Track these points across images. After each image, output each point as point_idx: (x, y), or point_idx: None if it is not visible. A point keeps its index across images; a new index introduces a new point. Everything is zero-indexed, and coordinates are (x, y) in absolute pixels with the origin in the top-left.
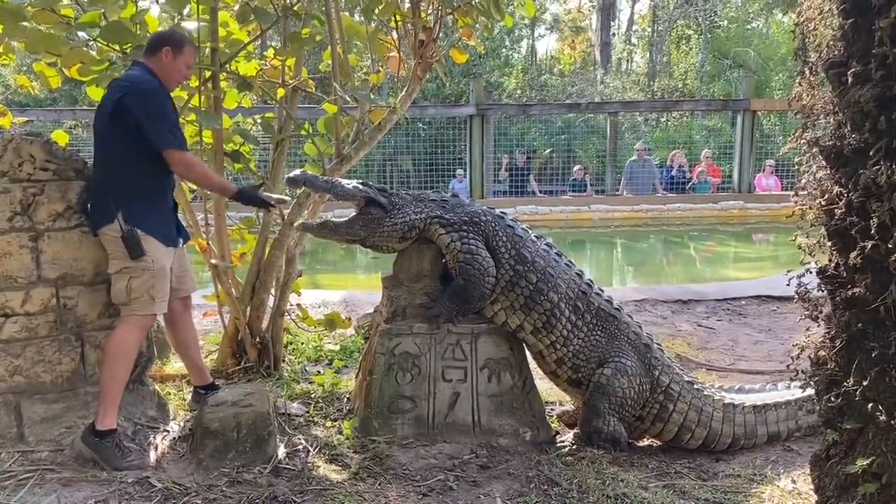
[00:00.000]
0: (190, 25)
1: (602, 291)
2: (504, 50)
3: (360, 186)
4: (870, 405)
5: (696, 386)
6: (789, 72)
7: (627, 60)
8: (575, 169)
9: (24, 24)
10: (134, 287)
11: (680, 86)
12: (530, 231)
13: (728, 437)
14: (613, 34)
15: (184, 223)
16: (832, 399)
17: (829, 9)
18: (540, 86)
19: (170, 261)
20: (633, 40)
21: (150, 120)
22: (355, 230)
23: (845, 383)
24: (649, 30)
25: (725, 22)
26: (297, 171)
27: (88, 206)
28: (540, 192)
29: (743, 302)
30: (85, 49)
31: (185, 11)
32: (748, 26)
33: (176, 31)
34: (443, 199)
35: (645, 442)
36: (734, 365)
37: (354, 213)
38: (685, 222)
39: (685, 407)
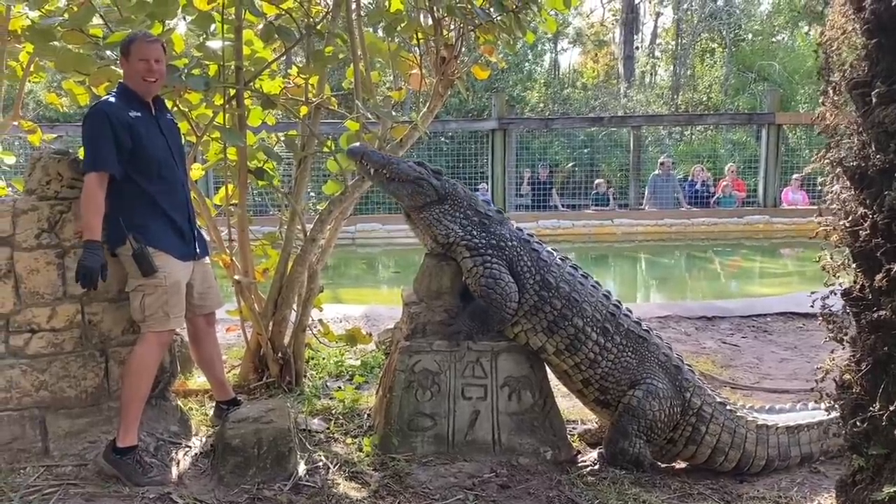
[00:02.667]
0: (215, 44)
1: (630, 312)
2: (527, 64)
3: (416, 167)
4: None
5: (728, 407)
6: (815, 85)
7: (651, 74)
8: (597, 182)
9: (55, 43)
10: (148, 304)
11: (704, 99)
12: (556, 254)
13: (762, 459)
14: (637, 48)
15: (207, 239)
16: (858, 424)
17: (853, 28)
18: (562, 100)
19: (186, 275)
20: (657, 54)
21: (83, 145)
22: (403, 193)
23: (871, 408)
24: (673, 43)
25: (750, 35)
26: (357, 143)
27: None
28: (562, 206)
29: (768, 319)
30: (112, 68)
31: (211, 30)
32: (773, 39)
33: (127, 38)
34: (486, 215)
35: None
36: (759, 383)
37: (411, 178)
38: (710, 237)
39: (718, 429)
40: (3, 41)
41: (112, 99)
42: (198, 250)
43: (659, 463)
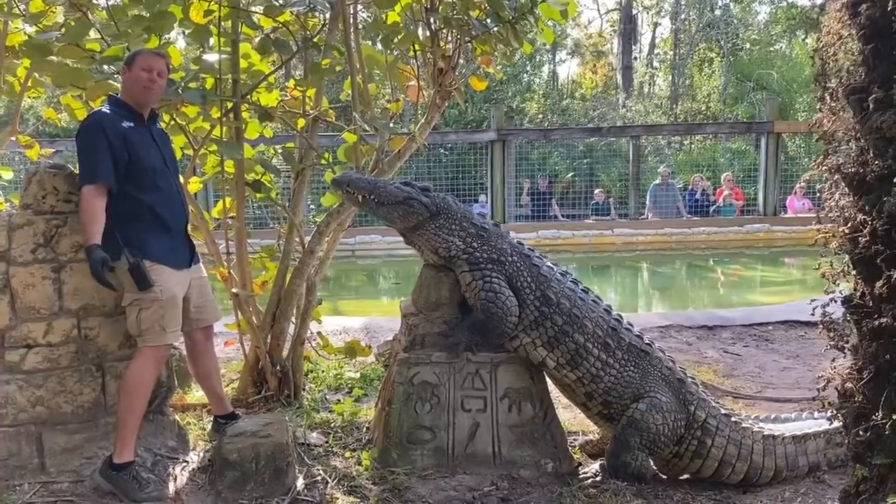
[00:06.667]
0: (212, 57)
1: (632, 327)
2: (525, 75)
3: (403, 187)
4: None
5: (733, 419)
6: (813, 94)
7: (649, 84)
8: (595, 192)
9: (52, 58)
10: (144, 318)
11: (703, 109)
12: (556, 268)
13: (770, 469)
14: (635, 58)
15: (205, 251)
16: (861, 433)
17: (849, 34)
18: (561, 110)
19: (182, 287)
20: (655, 64)
21: (78, 157)
22: (394, 216)
23: (874, 417)
24: (671, 53)
25: (748, 44)
26: (340, 173)
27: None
28: (562, 216)
29: (770, 327)
30: (110, 82)
31: (208, 43)
32: (771, 48)
33: (133, 52)
34: (483, 227)
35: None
36: (761, 392)
37: (400, 199)
38: (710, 246)
39: (724, 441)
40: (0, 56)
41: (105, 109)
42: (191, 258)
43: (663, 475)
